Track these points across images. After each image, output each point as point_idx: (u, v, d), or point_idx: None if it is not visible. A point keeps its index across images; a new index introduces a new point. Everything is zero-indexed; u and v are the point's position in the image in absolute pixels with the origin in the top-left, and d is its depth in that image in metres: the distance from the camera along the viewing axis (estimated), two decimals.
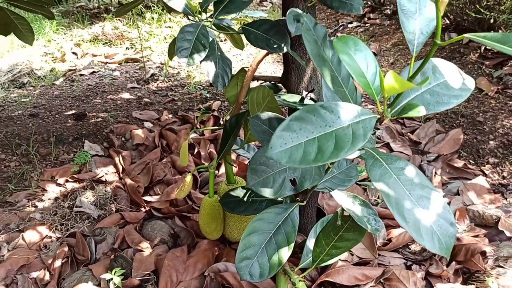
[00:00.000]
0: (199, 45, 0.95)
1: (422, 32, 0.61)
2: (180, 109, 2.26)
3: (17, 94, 2.51)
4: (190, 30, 0.96)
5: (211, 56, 0.99)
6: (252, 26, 1.00)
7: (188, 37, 0.95)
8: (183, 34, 0.95)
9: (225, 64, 1.01)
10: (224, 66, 1.01)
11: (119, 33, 3.84)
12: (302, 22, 0.65)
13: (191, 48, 0.93)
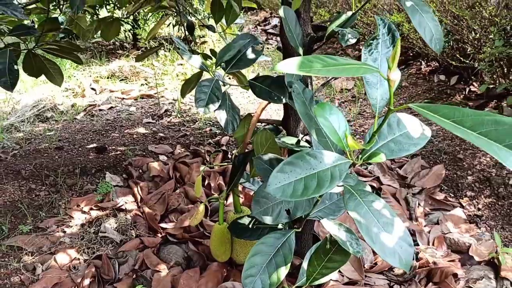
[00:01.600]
0: (214, 96, 1.14)
1: (382, 98, 0.80)
2: (192, 144, 2.45)
3: (42, 128, 2.72)
4: (206, 84, 1.16)
5: (223, 105, 1.18)
6: (257, 81, 1.20)
7: (205, 90, 1.15)
8: (200, 88, 1.15)
9: (234, 112, 1.21)
10: (234, 113, 1.20)
11: (135, 70, 4.09)
12: (293, 89, 0.84)
13: (207, 99, 1.13)
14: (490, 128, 0.54)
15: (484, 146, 0.51)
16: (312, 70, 0.64)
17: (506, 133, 0.53)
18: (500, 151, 0.51)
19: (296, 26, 1.13)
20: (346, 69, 0.66)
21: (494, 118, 0.55)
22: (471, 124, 0.56)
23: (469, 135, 0.53)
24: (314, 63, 0.66)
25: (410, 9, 0.99)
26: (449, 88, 2.82)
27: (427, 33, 0.99)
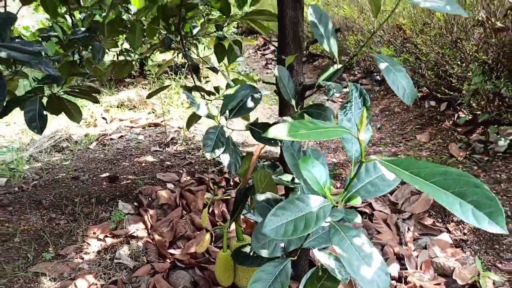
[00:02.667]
0: (219, 142, 1.30)
1: (357, 150, 0.95)
2: (197, 171, 2.61)
3: (58, 158, 2.89)
4: (212, 131, 1.32)
5: (227, 149, 1.34)
6: (256, 126, 1.36)
7: (211, 137, 1.31)
8: (207, 134, 1.31)
9: (236, 154, 1.36)
10: (236, 156, 1.36)
11: (142, 99, 4.28)
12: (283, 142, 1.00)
13: (213, 145, 1.29)
14: (439, 178, 0.68)
15: (435, 193, 0.64)
16: (297, 135, 0.80)
17: (453, 182, 0.67)
18: (447, 198, 0.64)
19: (289, 82, 1.29)
20: (325, 132, 0.81)
21: (443, 170, 0.70)
22: (425, 175, 0.70)
23: (423, 184, 0.67)
24: (299, 128, 0.81)
25: (385, 70, 1.15)
26: (439, 114, 2.97)
27: (400, 90, 1.14)
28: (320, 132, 0.81)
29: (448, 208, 0.62)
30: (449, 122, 2.80)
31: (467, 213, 0.62)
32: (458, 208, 0.62)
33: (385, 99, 3.58)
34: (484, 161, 2.26)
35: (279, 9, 1.47)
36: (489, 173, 2.14)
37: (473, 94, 2.19)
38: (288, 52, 1.48)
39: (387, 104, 3.47)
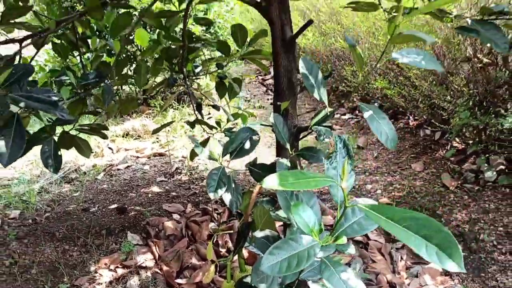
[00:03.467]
0: (221, 182, 1.44)
1: (341, 195, 1.09)
2: (201, 202, 2.74)
3: (68, 189, 3.03)
4: (215, 173, 1.46)
5: (229, 189, 1.48)
6: (255, 167, 1.50)
7: (214, 177, 1.45)
8: (211, 175, 1.45)
9: (238, 193, 1.50)
10: (237, 194, 1.50)
11: (147, 128, 4.44)
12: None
13: (216, 185, 1.43)
14: (410, 223, 0.81)
15: (405, 237, 0.77)
16: (287, 185, 0.94)
17: (421, 226, 0.80)
18: (416, 241, 0.77)
19: (284, 127, 1.44)
20: (312, 181, 0.95)
21: (412, 215, 0.83)
22: (397, 220, 0.84)
23: (396, 229, 0.80)
24: (289, 177, 0.96)
25: (369, 118, 1.29)
26: (433, 143, 3.11)
27: (383, 136, 1.29)
28: (308, 182, 0.95)
29: (416, 250, 0.75)
30: (443, 152, 2.94)
31: (432, 254, 0.74)
32: (424, 251, 0.74)
33: None
34: (474, 190, 2.39)
35: (274, 59, 1.63)
36: (479, 203, 2.26)
37: (460, 129, 2.33)
38: (283, 97, 1.64)
39: None
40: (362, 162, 3.17)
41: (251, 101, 5.76)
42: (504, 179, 2.28)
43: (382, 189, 2.66)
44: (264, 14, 1.60)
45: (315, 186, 0.95)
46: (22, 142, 1.46)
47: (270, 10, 1.55)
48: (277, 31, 1.58)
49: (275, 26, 1.57)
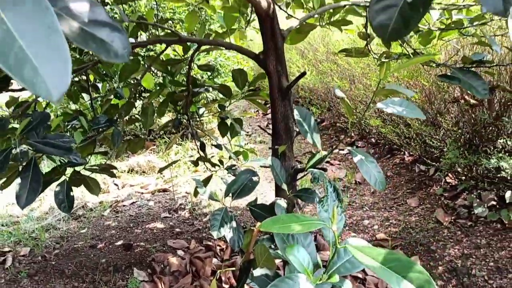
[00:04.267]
0: (224, 222, 1.56)
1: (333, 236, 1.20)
2: (204, 238, 2.84)
3: (75, 226, 3.13)
4: (218, 213, 1.58)
5: (230, 228, 1.59)
6: (255, 207, 1.62)
7: (217, 218, 1.56)
8: (214, 216, 1.57)
9: (239, 232, 1.61)
10: (239, 233, 1.61)
11: (151, 164, 4.58)
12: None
13: (219, 225, 1.54)
14: (394, 263, 0.93)
15: (389, 277, 0.88)
16: (283, 228, 1.06)
17: (403, 268, 0.91)
18: (398, 281, 0.88)
19: (281, 170, 1.57)
20: (306, 224, 1.07)
21: (396, 257, 0.94)
22: (382, 261, 0.95)
23: (381, 270, 0.91)
24: (285, 221, 1.07)
25: (359, 162, 1.42)
26: (428, 178, 3.23)
27: (372, 178, 1.41)
28: (303, 224, 1.07)
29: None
30: (437, 187, 3.05)
31: None
32: None
33: (379, 163, 3.85)
34: (467, 226, 2.49)
35: (272, 105, 1.77)
36: (471, 238, 2.36)
37: (450, 167, 2.46)
38: (281, 140, 1.77)
39: (381, 168, 3.73)
40: (360, 198, 3.28)
41: (252, 136, 5.91)
42: (493, 215, 2.39)
43: (379, 225, 2.76)
44: (262, 66, 1.75)
45: (308, 229, 1.07)
46: (38, 186, 1.58)
47: (267, 63, 1.71)
48: (274, 80, 1.72)
49: (272, 77, 1.72)
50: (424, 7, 0.45)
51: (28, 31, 0.34)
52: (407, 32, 0.46)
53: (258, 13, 1.63)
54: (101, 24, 0.48)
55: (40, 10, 0.35)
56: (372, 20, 0.47)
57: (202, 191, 1.63)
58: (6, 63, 0.32)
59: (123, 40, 0.49)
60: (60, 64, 0.34)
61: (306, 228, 1.08)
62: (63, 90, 0.34)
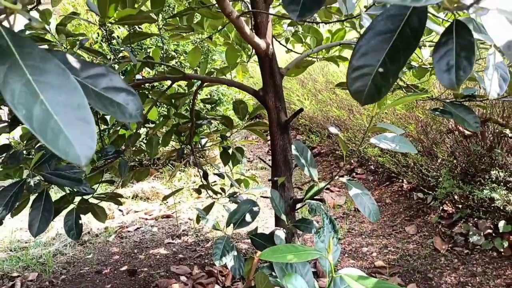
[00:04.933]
0: (225, 251, 1.61)
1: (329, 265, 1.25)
2: (207, 264, 2.87)
3: (81, 251, 3.18)
4: (220, 242, 1.63)
5: (232, 257, 1.64)
6: (256, 236, 1.67)
7: (219, 246, 1.61)
8: (216, 245, 1.62)
9: (240, 260, 1.66)
10: (239, 262, 1.66)
11: (155, 191, 4.63)
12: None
13: (221, 254, 1.59)
14: None
15: None
16: (282, 257, 1.11)
17: None
18: None
19: (280, 201, 1.62)
20: (303, 254, 1.13)
21: (386, 286, 1.00)
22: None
23: None
24: (284, 251, 1.13)
25: (354, 195, 1.48)
26: (425, 206, 3.26)
27: (366, 210, 1.47)
28: (300, 255, 1.12)
29: None
30: (435, 215, 3.08)
31: None
32: None
33: (378, 190, 3.90)
34: (464, 254, 2.52)
35: (271, 139, 1.85)
36: (467, 266, 2.39)
37: (446, 196, 2.51)
38: (280, 172, 1.84)
39: (379, 195, 3.78)
40: (359, 225, 3.31)
41: (254, 162, 5.97)
42: (488, 244, 2.42)
43: (378, 252, 2.79)
44: (261, 102, 1.83)
45: (305, 259, 1.12)
46: (49, 216, 1.64)
47: (267, 99, 1.79)
48: (273, 116, 1.80)
49: (272, 112, 1.80)
50: (393, 78, 0.52)
51: (61, 109, 0.41)
52: (380, 98, 0.53)
53: (258, 53, 1.72)
54: (118, 89, 0.55)
55: (71, 90, 0.42)
56: (350, 87, 0.54)
57: (205, 221, 1.69)
58: (45, 136, 0.39)
59: (136, 103, 0.57)
60: (87, 136, 0.41)
61: (302, 258, 1.13)
62: (89, 157, 0.41)
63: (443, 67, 0.53)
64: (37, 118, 0.40)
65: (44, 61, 0.42)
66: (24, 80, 0.40)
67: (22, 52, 0.42)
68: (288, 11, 0.61)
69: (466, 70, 0.51)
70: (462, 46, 0.51)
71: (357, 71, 0.54)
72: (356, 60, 0.52)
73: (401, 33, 0.51)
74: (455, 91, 1.70)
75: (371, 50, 0.51)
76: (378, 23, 0.55)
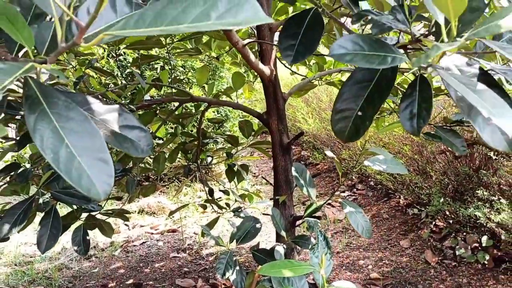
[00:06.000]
0: (228, 266, 1.65)
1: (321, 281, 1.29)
2: (211, 277, 2.90)
3: (87, 266, 3.20)
4: (223, 257, 1.67)
5: (234, 271, 1.68)
6: (257, 251, 1.71)
7: (222, 261, 1.65)
8: (220, 260, 1.66)
9: (242, 274, 1.70)
10: (242, 276, 1.69)
11: (161, 205, 4.67)
12: None
13: (224, 268, 1.63)
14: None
15: None
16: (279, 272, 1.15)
17: None
18: None
19: (281, 219, 1.67)
20: (298, 268, 1.17)
21: None
22: None
23: None
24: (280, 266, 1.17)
25: (348, 213, 1.52)
26: (419, 221, 3.29)
27: (359, 227, 1.51)
28: (296, 269, 1.17)
29: None
30: (428, 230, 3.11)
31: None
32: None
33: (376, 205, 3.93)
34: (452, 266, 2.55)
35: (274, 160, 1.89)
36: (454, 277, 2.43)
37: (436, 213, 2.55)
38: (281, 191, 1.88)
39: (377, 210, 3.81)
40: (357, 239, 3.34)
41: (258, 177, 6.01)
42: (472, 257, 2.48)
43: (373, 265, 2.81)
44: (265, 124, 1.89)
45: (300, 273, 1.17)
46: (57, 233, 1.68)
47: (270, 122, 1.84)
48: (276, 138, 1.85)
49: (274, 134, 1.85)
50: (369, 120, 0.58)
51: (84, 152, 0.46)
52: (359, 137, 0.58)
53: (262, 79, 1.78)
54: (131, 127, 0.60)
55: (92, 135, 0.47)
56: (334, 127, 0.60)
57: (209, 237, 1.73)
58: (70, 176, 0.44)
59: (148, 139, 0.62)
60: (106, 175, 0.46)
61: (297, 273, 1.17)
62: (108, 193, 0.46)
63: (407, 115, 0.58)
64: (63, 160, 0.45)
65: (68, 110, 0.47)
66: (52, 127, 0.46)
67: (48, 102, 0.47)
68: (283, 56, 0.67)
69: (425, 119, 0.57)
70: (423, 98, 0.57)
71: (339, 113, 0.59)
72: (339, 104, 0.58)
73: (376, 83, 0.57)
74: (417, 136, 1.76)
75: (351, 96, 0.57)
76: (358, 73, 0.60)
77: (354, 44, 0.54)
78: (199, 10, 0.38)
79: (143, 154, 0.60)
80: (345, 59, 0.51)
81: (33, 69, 0.40)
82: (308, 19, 0.80)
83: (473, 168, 2.38)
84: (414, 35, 0.69)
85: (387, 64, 0.46)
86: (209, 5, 0.38)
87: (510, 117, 0.45)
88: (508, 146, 0.57)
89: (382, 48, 0.56)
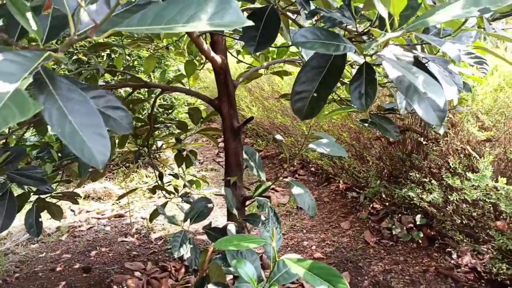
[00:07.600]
0: (183, 244, 1.73)
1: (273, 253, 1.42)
2: (160, 260, 2.96)
3: (34, 250, 3.15)
4: (178, 235, 1.76)
5: (188, 249, 1.77)
6: (210, 230, 1.81)
7: (177, 239, 1.74)
8: (175, 238, 1.74)
9: (195, 252, 1.79)
10: (195, 253, 1.79)
11: (107, 191, 4.62)
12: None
13: (179, 246, 1.72)
14: (318, 271, 1.15)
15: (314, 281, 1.11)
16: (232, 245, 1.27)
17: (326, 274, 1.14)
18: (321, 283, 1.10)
19: (233, 198, 1.78)
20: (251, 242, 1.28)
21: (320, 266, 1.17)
22: (308, 268, 1.17)
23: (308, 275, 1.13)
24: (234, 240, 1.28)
25: (296, 195, 1.67)
26: (358, 204, 3.55)
27: (306, 205, 1.66)
28: (249, 242, 1.28)
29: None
30: (366, 212, 3.37)
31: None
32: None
33: (317, 190, 4.16)
34: (389, 245, 2.80)
35: (225, 143, 2.00)
36: (392, 256, 2.67)
37: (374, 195, 2.79)
38: (232, 173, 1.99)
39: (318, 194, 4.03)
40: (301, 222, 3.53)
41: (204, 163, 6.08)
42: (406, 236, 2.73)
43: (316, 245, 3.01)
44: (216, 109, 1.98)
45: (252, 246, 1.29)
46: (13, 212, 1.69)
47: (221, 107, 1.94)
48: (227, 122, 1.95)
49: (225, 119, 1.95)
50: (324, 101, 0.70)
51: (85, 128, 0.54)
52: (314, 115, 0.70)
53: (214, 66, 1.86)
54: (115, 108, 0.68)
55: (91, 113, 0.55)
56: (293, 106, 0.71)
57: (167, 219, 1.81)
58: (74, 147, 0.52)
59: (128, 118, 0.70)
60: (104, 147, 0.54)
61: (252, 245, 1.29)
62: (105, 162, 0.54)
63: (356, 95, 0.71)
64: (68, 134, 0.53)
65: (70, 91, 0.55)
66: (57, 106, 0.53)
67: (53, 84, 0.54)
68: (247, 46, 0.77)
69: (372, 97, 0.70)
70: (369, 81, 0.70)
71: (298, 95, 0.70)
72: (297, 87, 0.69)
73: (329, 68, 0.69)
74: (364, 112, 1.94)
75: (308, 80, 0.68)
76: (313, 60, 0.72)
77: (313, 34, 0.65)
78: (191, 12, 0.47)
79: (125, 131, 0.68)
80: (306, 46, 0.63)
81: (51, 57, 0.47)
82: (267, 14, 0.91)
83: (405, 153, 2.62)
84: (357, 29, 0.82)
85: (340, 51, 0.58)
86: (199, 9, 0.47)
87: (441, 92, 0.59)
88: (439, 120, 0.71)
89: (336, 38, 0.68)
